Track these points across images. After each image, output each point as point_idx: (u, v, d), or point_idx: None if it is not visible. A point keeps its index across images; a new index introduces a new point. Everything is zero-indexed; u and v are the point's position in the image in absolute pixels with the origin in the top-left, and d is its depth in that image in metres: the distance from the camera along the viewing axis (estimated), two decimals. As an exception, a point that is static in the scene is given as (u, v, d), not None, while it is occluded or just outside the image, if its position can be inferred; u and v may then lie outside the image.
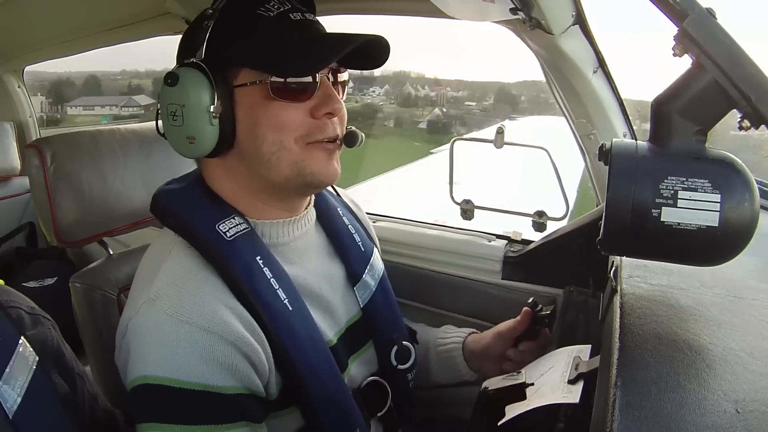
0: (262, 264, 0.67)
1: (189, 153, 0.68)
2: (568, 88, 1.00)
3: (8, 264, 1.77)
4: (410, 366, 0.83)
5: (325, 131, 0.67)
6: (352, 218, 0.86)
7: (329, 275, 0.78)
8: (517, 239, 1.18)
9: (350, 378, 0.76)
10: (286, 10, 0.67)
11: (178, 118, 0.66)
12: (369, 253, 0.84)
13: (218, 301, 0.63)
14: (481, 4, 0.75)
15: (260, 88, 0.65)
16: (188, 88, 0.64)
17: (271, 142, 0.66)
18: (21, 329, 0.58)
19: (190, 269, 0.65)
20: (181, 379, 0.59)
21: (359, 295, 0.81)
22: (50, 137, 0.94)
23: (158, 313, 0.61)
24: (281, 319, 0.65)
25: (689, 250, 0.54)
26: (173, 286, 0.63)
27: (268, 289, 0.66)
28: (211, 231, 0.66)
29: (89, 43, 1.56)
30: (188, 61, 0.66)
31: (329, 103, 0.67)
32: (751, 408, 0.42)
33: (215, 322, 0.61)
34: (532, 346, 0.87)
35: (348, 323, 0.79)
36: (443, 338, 0.95)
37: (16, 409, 0.52)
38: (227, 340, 0.61)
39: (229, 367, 0.61)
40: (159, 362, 0.60)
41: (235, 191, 0.71)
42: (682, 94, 0.53)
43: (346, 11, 1.13)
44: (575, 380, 0.64)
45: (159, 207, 0.72)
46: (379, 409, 0.79)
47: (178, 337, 0.60)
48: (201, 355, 0.60)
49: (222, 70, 0.65)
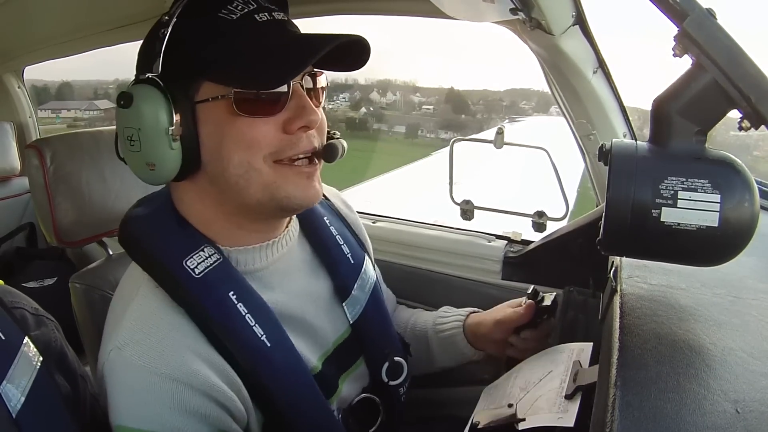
0: (236, 299, 0.62)
1: (151, 180, 0.62)
2: (568, 88, 1.00)
3: (8, 264, 1.77)
4: (402, 381, 0.80)
5: (298, 146, 0.61)
6: (341, 226, 0.81)
7: (313, 294, 0.74)
8: (517, 239, 1.18)
9: (341, 398, 0.74)
10: (251, 10, 0.60)
11: (135, 143, 0.59)
12: (359, 265, 0.79)
13: (187, 348, 0.59)
14: (481, 4, 0.75)
15: (224, 103, 0.59)
16: (143, 108, 0.58)
17: (237, 164, 0.60)
18: (25, 329, 0.59)
19: (158, 312, 0.61)
20: (154, 430, 0.57)
21: (348, 311, 0.76)
22: (50, 138, 0.94)
23: (126, 363, 0.58)
24: (259, 357, 0.62)
25: (689, 251, 0.54)
26: (140, 331, 0.60)
27: (243, 327, 0.61)
28: (179, 268, 0.61)
29: (89, 44, 1.56)
30: (143, 76, 0.59)
31: (303, 116, 0.61)
32: (751, 408, 0.42)
33: (184, 371, 0.58)
34: (533, 334, 0.85)
35: (336, 342, 0.75)
36: (442, 321, 0.91)
37: (19, 408, 0.53)
38: (198, 390, 0.58)
39: (201, 416, 0.59)
40: (131, 413, 0.58)
41: (206, 216, 0.65)
42: (682, 95, 0.53)
43: (348, 11, 1.13)
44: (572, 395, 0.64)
45: (127, 237, 0.67)
46: (370, 425, 0.77)
47: (147, 388, 0.57)
48: (171, 406, 0.57)
49: (182, 84, 0.59)
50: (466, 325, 0.90)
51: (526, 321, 0.85)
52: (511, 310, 0.86)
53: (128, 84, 0.62)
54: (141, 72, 0.61)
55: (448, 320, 0.91)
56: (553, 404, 0.64)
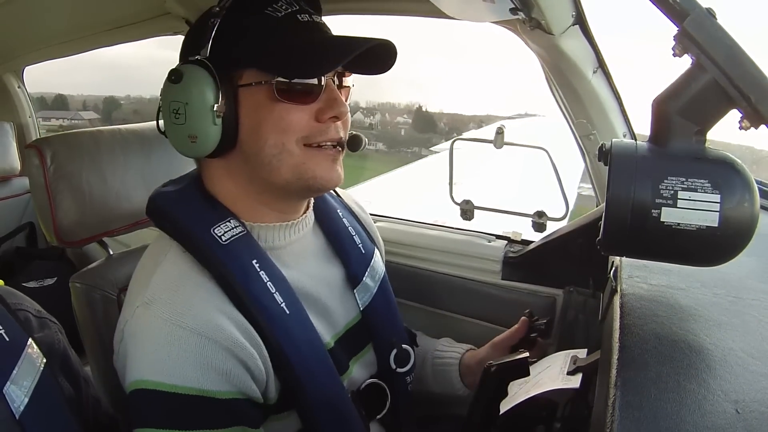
0: (259, 267, 0.66)
1: (190, 152, 0.67)
2: (568, 88, 1.00)
3: (8, 264, 1.77)
4: (409, 369, 0.83)
5: (327, 134, 0.67)
6: (352, 219, 0.85)
7: (327, 278, 0.77)
8: (517, 239, 1.18)
9: (351, 380, 0.76)
10: (294, 11, 0.66)
11: (181, 116, 0.65)
12: (369, 255, 0.84)
13: (213, 305, 0.62)
14: (481, 4, 0.75)
15: (265, 89, 0.64)
16: (192, 85, 0.63)
17: (273, 144, 0.65)
18: (29, 331, 0.59)
19: (185, 273, 0.64)
20: (175, 383, 0.59)
21: (359, 297, 0.80)
22: (50, 137, 0.94)
23: (152, 317, 0.61)
24: (278, 323, 0.65)
25: (689, 251, 0.54)
26: (168, 290, 0.63)
27: (264, 293, 0.65)
28: (206, 235, 0.66)
29: (89, 44, 1.56)
30: (193, 58, 0.65)
31: (334, 107, 0.66)
32: (751, 408, 0.42)
33: (209, 326, 0.60)
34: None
35: (347, 326, 0.78)
36: (441, 351, 0.95)
37: (23, 410, 0.53)
38: (221, 345, 0.60)
39: (223, 372, 0.60)
40: (153, 367, 0.59)
41: (233, 193, 0.70)
42: (682, 94, 0.53)
43: (348, 11, 1.13)
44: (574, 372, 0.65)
45: (155, 209, 0.71)
46: (378, 411, 0.79)
47: (172, 341, 0.59)
48: (195, 360, 0.59)
49: (227, 70, 0.64)
50: (462, 359, 0.94)
51: (522, 334, 0.89)
52: (507, 332, 0.91)
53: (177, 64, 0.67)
54: (189, 54, 0.66)
55: (447, 351, 0.95)
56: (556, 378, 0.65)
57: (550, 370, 0.70)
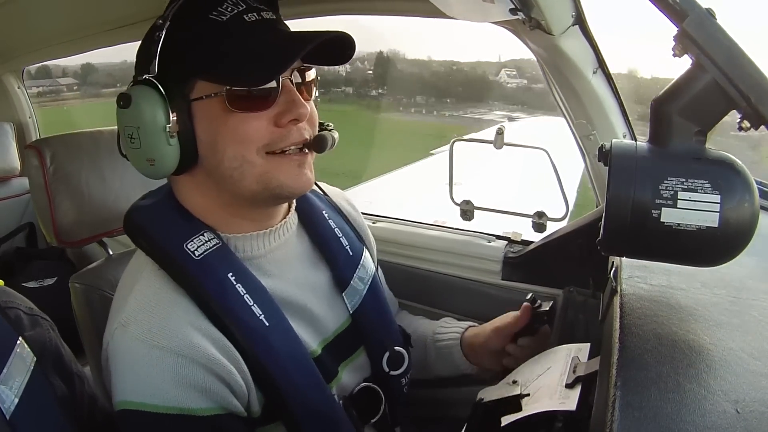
0: (235, 280, 0.65)
1: (152, 175, 0.65)
2: (568, 88, 1.00)
3: (8, 264, 1.77)
4: (403, 371, 0.82)
5: (289, 138, 0.64)
6: (339, 220, 0.83)
7: (313, 284, 0.75)
8: (517, 240, 1.18)
9: (341, 386, 0.75)
10: (240, 11, 0.63)
11: (135, 140, 0.63)
12: (358, 257, 0.81)
13: (188, 323, 0.62)
14: (481, 4, 0.75)
15: (217, 101, 0.62)
16: (142, 108, 0.61)
17: (231, 157, 0.63)
18: (19, 330, 0.59)
19: (160, 292, 0.64)
20: (156, 404, 0.59)
21: (348, 301, 0.78)
22: (50, 138, 0.94)
23: (129, 339, 0.61)
24: (257, 336, 0.64)
25: (689, 251, 0.54)
26: (143, 310, 0.62)
27: (242, 307, 0.64)
28: (179, 251, 0.64)
29: (89, 44, 1.56)
30: (140, 78, 0.62)
31: (293, 109, 0.63)
32: (751, 408, 0.42)
33: (185, 345, 0.60)
34: (531, 342, 0.86)
35: (337, 331, 0.77)
36: (441, 332, 0.93)
37: (13, 410, 0.53)
38: (198, 363, 0.60)
39: (202, 389, 0.60)
40: (134, 388, 0.60)
41: (205, 206, 0.69)
42: (682, 95, 0.53)
43: (345, 11, 1.13)
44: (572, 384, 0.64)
45: (130, 226, 0.70)
46: (372, 415, 0.78)
47: (150, 362, 0.59)
48: (173, 379, 0.59)
49: (178, 84, 0.62)
50: (463, 338, 0.92)
51: (523, 324, 0.86)
52: (510, 316, 0.88)
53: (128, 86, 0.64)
54: (139, 73, 0.64)
55: (447, 331, 0.93)
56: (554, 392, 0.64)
57: (549, 375, 0.69)
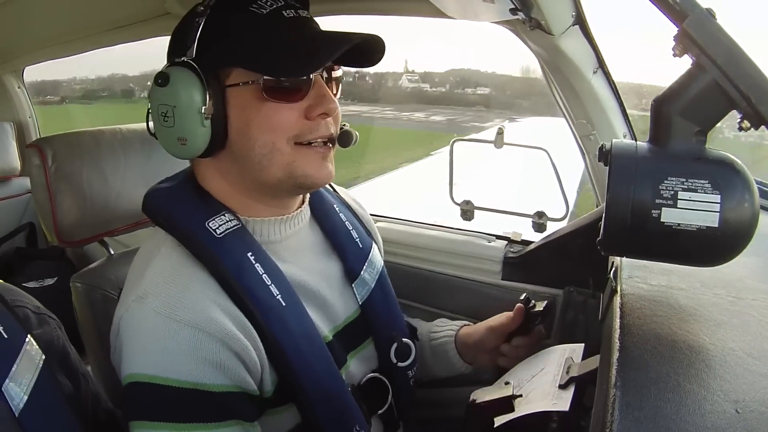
0: (254, 260, 0.66)
1: (180, 154, 0.67)
2: (568, 88, 1.00)
3: (8, 264, 1.77)
4: (410, 363, 0.83)
5: (317, 131, 0.67)
6: (350, 215, 0.85)
7: (325, 273, 0.77)
8: (517, 240, 1.18)
9: (349, 375, 0.76)
10: (279, 7, 0.65)
11: (169, 119, 0.64)
12: (367, 250, 0.83)
13: (206, 298, 0.62)
14: (481, 4, 0.75)
15: (252, 89, 0.64)
16: (179, 88, 0.63)
17: (262, 144, 0.65)
18: (28, 328, 0.59)
19: (179, 266, 0.65)
20: (169, 377, 0.59)
21: (357, 292, 0.80)
22: (51, 137, 0.94)
23: (146, 311, 0.61)
24: (274, 315, 0.65)
25: (689, 251, 0.54)
26: (161, 283, 0.63)
27: (259, 285, 0.65)
28: (201, 228, 0.66)
29: (89, 44, 1.56)
30: (179, 60, 0.64)
31: (323, 104, 0.66)
32: (751, 408, 0.42)
33: (203, 319, 0.61)
34: (525, 342, 0.86)
35: (346, 320, 0.78)
36: (436, 332, 0.94)
37: (22, 407, 0.53)
38: (215, 337, 0.60)
39: (217, 364, 0.61)
40: (148, 360, 0.60)
41: (226, 190, 0.70)
42: (682, 95, 0.53)
43: (346, 11, 1.13)
44: (566, 385, 0.64)
45: (150, 205, 0.71)
46: (379, 406, 0.79)
47: (166, 334, 0.60)
48: (189, 353, 0.59)
49: (214, 70, 0.64)
50: (457, 336, 0.92)
51: (517, 324, 0.86)
52: (504, 316, 0.88)
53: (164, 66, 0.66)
54: (175, 56, 0.66)
55: (442, 330, 0.94)
56: (547, 393, 0.64)
57: (543, 377, 0.69)
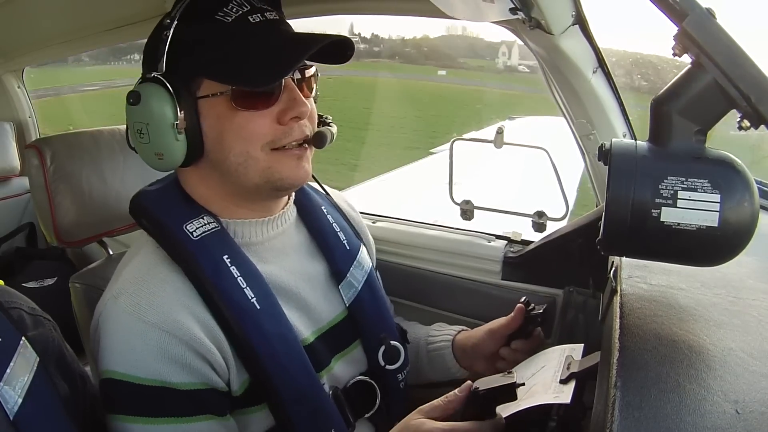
0: (230, 263, 0.68)
1: (160, 167, 0.69)
2: (567, 88, 1.00)
3: (8, 264, 1.77)
4: (399, 366, 0.82)
5: (291, 135, 0.67)
6: (338, 216, 0.85)
7: (309, 274, 0.77)
8: (517, 239, 1.17)
9: (335, 377, 0.76)
10: (245, 12, 0.65)
11: (144, 136, 0.66)
12: (355, 252, 0.83)
13: (176, 301, 0.65)
14: (481, 4, 0.75)
15: (223, 99, 0.65)
16: (150, 105, 0.64)
17: (238, 153, 0.66)
18: (22, 330, 0.59)
19: (154, 268, 0.67)
20: (138, 375, 0.62)
21: (344, 293, 0.80)
22: (50, 137, 0.94)
23: (118, 310, 0.64)
24: (247, 317, 0.66)
25: (689, 251, 0.54)
26: (134, 283, 0.66)
27: (234, 288, 0.66)
28: (179, 230, 0.68)
29: (89, 44, 1.56)
30: (149, 75, 0.65)
31: (295, 107, 0.66)
32: (751, 408, 0.42)
33: (169, 322, 0.63)
34: (524, 345, 0.86)
35: (332, 322, 0.78)
36: (434, 336, 0.94)
37: (17, 410, 0.52)
38: (181, 340, 0.63)
39: (183, 364, 0.63)
40: (119, 359, 0.63)
41: (208, 194, 0.72)
42: (682, 94, 0.53)
43: (346, 11, 1.13)
44: (567, 380, 0.64)
45: (135, 207, 0.73)
46: (367, 409, 0.78)
47: (135, 335, 0.62)
48: (156, 353, 0.62)
49: (185, 82, 0.65)
50: (455, 341, 0.92)
51: (516, 325, 0.85)
52: (503, 319, 0.88)
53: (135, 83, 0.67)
54: (147, 71, 0.67)
55: (439, 335, 0.94)
56: (548, 388, 0.64)
57: (543, 373, 0.69)
